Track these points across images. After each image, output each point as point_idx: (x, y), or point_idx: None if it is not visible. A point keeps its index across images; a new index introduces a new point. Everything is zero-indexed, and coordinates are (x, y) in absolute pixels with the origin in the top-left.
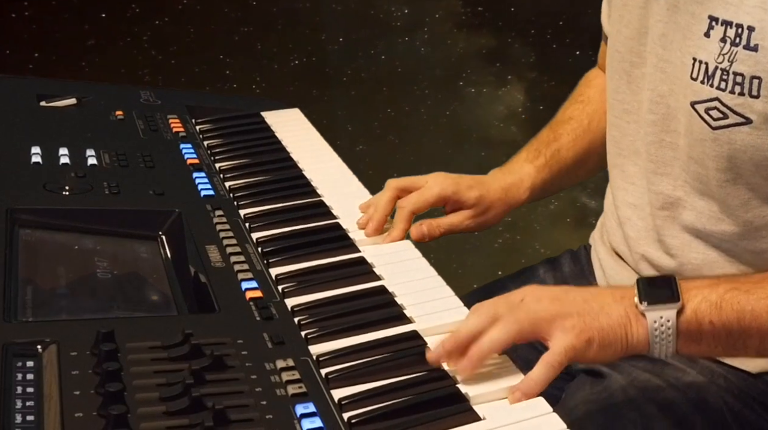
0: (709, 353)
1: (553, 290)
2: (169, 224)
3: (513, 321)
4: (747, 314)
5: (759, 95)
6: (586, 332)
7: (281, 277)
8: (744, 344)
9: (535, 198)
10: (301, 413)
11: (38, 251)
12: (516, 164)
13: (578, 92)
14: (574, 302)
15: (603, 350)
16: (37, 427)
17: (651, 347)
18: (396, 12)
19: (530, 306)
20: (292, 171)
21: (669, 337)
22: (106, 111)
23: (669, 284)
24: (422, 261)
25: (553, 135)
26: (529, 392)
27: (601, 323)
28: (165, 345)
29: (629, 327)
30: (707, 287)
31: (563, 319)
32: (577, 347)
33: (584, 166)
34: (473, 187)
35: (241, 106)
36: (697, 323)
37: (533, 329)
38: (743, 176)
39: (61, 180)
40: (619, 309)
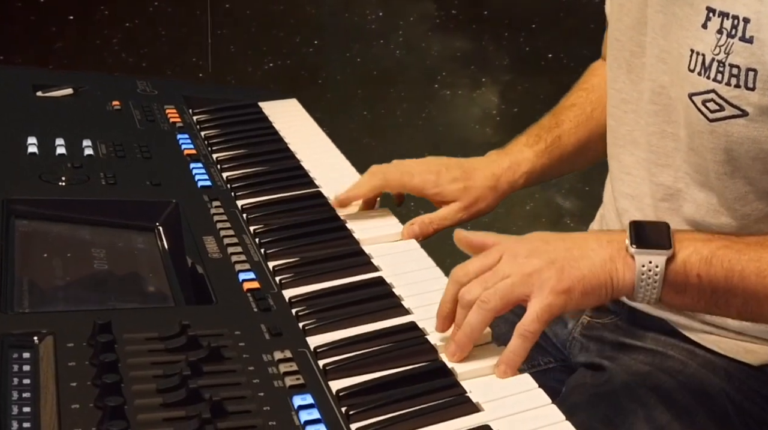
0: (691, 306)
1: (533, 242)
2: (166, 215)
3: (488, 301)
4: (735, 274)
5: (755, 87)
6: (565, 282)
7: (279, 268)
8: (726, 303)
9: (531, 183)
10: (299, 405)
11: (34, 242)
12: (515, 148)
13: (583, 80)
14: (554, 251)
15: (585, 296)
16: (33, 418)
17: (635, 292)
18: (371, 15)
19: (504, 270)
20: (289, 162)
21: (655, 283)
22: (103, 101)
23: (662, 231)
24: (420, 252)
25: (555, 121)
26: (511, 364)
27: (582, 270)
28: (162, 336)
29: (614, 271)
30: (700, 241)
31: (540, 273)
32: (552, 303)
33: (584, 154)
34: (457, 179)
35: (238, 97)
36: (685, 275)
37: (508, 300)
38: (741, 169)
39: (58, 171)
40: (603, 253)
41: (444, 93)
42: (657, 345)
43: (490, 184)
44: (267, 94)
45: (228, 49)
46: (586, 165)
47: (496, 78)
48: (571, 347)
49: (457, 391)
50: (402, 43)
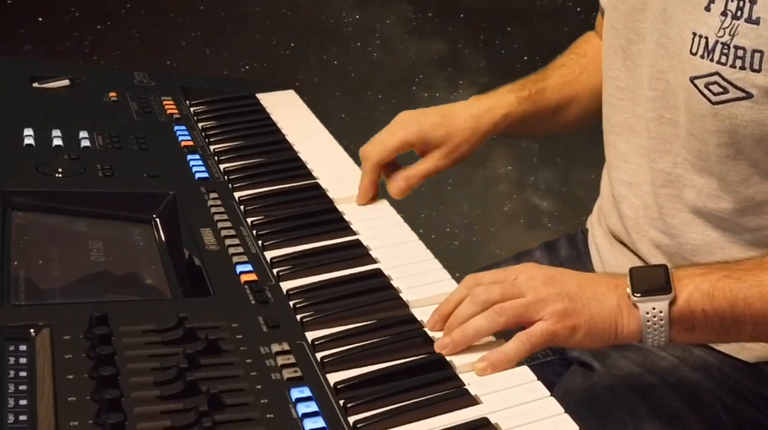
0: (704, 340)
1: (549, 271)
2: (163, 207)
3: (502, 313)
4: (740, 302)
5: (760, 69)
6: (573, 319)
7: (276, 260)
8: (738, 331)
9: (510, 130)
10: (297, 398)
11: (31, 234)
12: (497, 92)
13: (575, 45)
14: (569, 285)
15: (589, 338)
16: (30, 411)
17: (644, 338)
18: (347, 17)
19: (522, 287)
20: (287, 153)
21: (662, 327)
22: (100, 93)
23: (661, 275)
24: (419, 244)
25: (541, 76)
26: (498, 365)
27: (591, 311)
28: (159, 329)
29: (620, 318)
30: (699, 276)
31: (554, 302)
32: (558, 333)
33: (566, 114)
34: (439, 124)
35: (235, 88)
36: (690, 313)
37: (521, 316)
38: (744, 152)
39: (54, 162)
40: (611, 299)
41: (422, 95)
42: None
43: (471, 125)
44: (264, 85)
45: (203, 51)
46: (566, 127)
47: (473, 80)
48: None
49: (456, 383)
50: (379, 46)
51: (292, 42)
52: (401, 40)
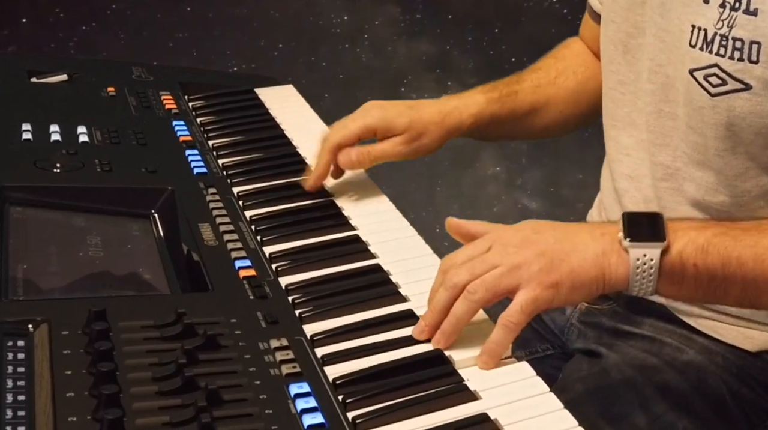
0: (689, 296)
1: (524, 231)
2: (161, 202)
3: (475, 291)
4: (733, 261)
5: (758, 60)
6: (551, 276)
7: (275, 255)
8: (725, 292)
9: (478, 131)
10: (296, 393)
11: (29, 229)
12: (466, 93)
13: (555, 50)
14: (545, 242)
15: (574, 291)
16: (28, 406)
17: (630, 285)
18: (336, 19)
19: (493, 260)
20: (286, 148)
21: (650, 276)
22: (98, 87)
23: (655, 222)
24: (418, 239)
25: (516, 79)
26: (492, 355)
27: (571, 264)
28: (157, 324)
29: (607, 265)
30: (695, 230)
31: (529, 265)
32: (538, 297)
33: (539, 118)
34: (403, 113)
35: (234, 83)
36: (681, 265)
37: (496, 291)
38: (742, 144)
39: (52, 157)
40: (596, 247)
41: (410, 96)
42: (654, 332)
43: (436, 119)
44: (263, 80)
45: (190, 53)
46: (540, 132)
47: (462, 81)
48: (568, 333)
49: (455, 379)
50: (368, 47)
51: (280, 43)
52: (390, 41)
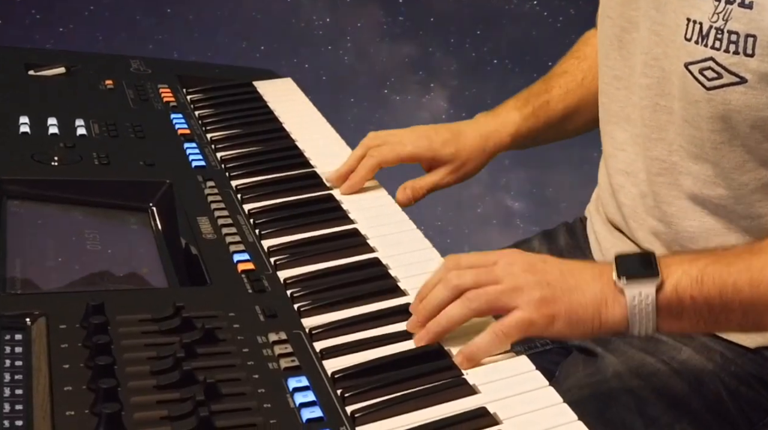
0: (691, 329)
1: (531, 258)
2: (159, 196)
3: (473, 297)
4: (729, 288)
5: (754, 54)
6: (551, 307)
7: (274, 249)
8: (726, 319)
9: (518, 146)
10: (294, 387)
11: (26, 223)
12: (502, 110)
13: (575, 48)
14: (550, 273)
15: (569, 327)
16: (25, 400)
17: (630, 325)
18: (318, 21)
19: (499, 274)
20: (284, 141)
21: (649, 314)
22: (96, 80)
23: (648, 260)
24: (417, 233)
25: (544, 87)
26: (472, 358)
27: (571, 300)
28: (155, 318)
29: (604, 306)
30: (687, 262)
31: (531, 290)
32: (535, 321)
33: (573, 121)
34: (448, 142)
35: (233, 76)
36: (678, 299)
37: (494, 304)
38: (738, 137)
39: (50, 150)
40: (595, 288)
41: (393, 98)
42: None
43: (479, 144)
44: (262, 73)
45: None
46: (575, 133)
47: (444, 83)
48: None
49: (454, 373)
50: (350, 49)
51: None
52: (372, 43)
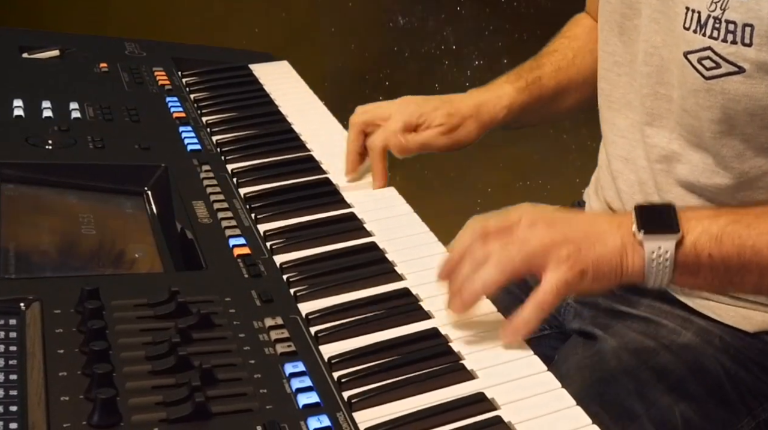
0: (705, 286)
1: (551, 214)
2: (155, 179)
3: (506, 260)
4: (747, 249)
5: (751, 43)
6: (580, 263)
7: (270, 233)
8: (741, 280)
9: (512, 121)
10: (290, 372)
11: (21, 207)
12: (495, 84)
13: (566, 29)
14: (572, 229)
15: (597, 280)
16: (20, 386)
17: (646, 277)
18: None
19: (524, 235)
20: (280, 125)
21: (666, 268)
22: (90, 63)
23: (668, 213)
24: (414, 216)
25: (536, 64)
26: (522, 332)
27: (596, 252)
28: (151, 303)
29: (625, 256)
30: (708, 219)
31: (558, 248)
32: (569, 281)
33: (564, 100)
34: (439, 107)
35: (228, 59)
36: (696, 256)
37: (526, 265)
38: (737, 127)
39: (44, 134)
40: (615, 238)
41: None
42: (651, 313)
43: (472, 113)
44: (258, 56)
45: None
46: (565, 113)
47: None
48: (565, 313)
49: (452, 358)
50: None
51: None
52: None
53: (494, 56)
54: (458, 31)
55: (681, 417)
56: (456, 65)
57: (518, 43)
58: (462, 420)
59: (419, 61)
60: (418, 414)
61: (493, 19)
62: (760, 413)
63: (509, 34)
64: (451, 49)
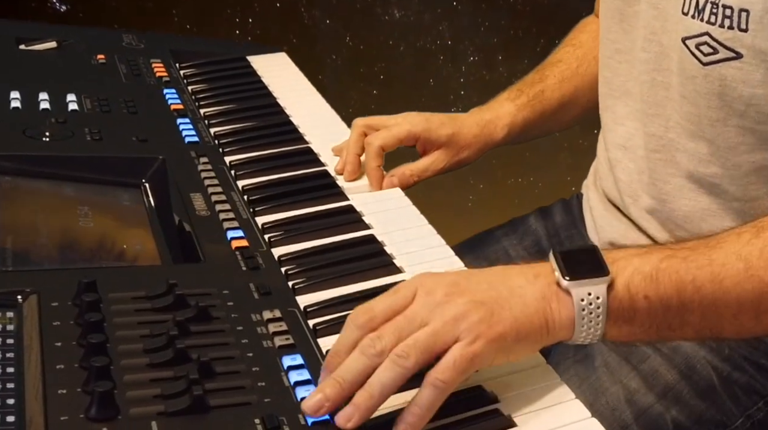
0: (640, 336)
1: (448, 277)
2: (152, 172)
3: (406, 356)
4: (688, 286)
5: (747, 29)
6: (496, 327)
7: (268, 226)
8: (681, 322)
9: (514, 138)
10: (289, 365)
11: (18, 199)
12: (496, 103)
13: (571, 36)
14: (479, 288)
15: (519, 344)
16: (17, 378)
17: (576, 331)
18: None
19: (422, 313)
20: (279, 117)
21: (598, 317)
22: (88, 55)
23: (592, 256)
24: (412, 209)
25: (538, 76)
26: (415, 422)
27: (514, 311)
28: (149, 296)
29: (548, 311)
30: (637, 257)
31: (465, 316)
32: (478, 354)
33: (569, 111)
34: (445, 124)
35: (226, 50)
36: (630, 300)
37: (431, 350)
38: (734, 115)
39: (42, 126)
40: (534, 291)
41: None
42: None
43: (475, 131)
44: (256, 47)
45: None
46: (571, 123)
47: None
48: None
49: None
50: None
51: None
52: None
53: (489, 52)
54: (454, 27)
55: (672, 423)
56: (451, 60)
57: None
58: (461, 413)
59: (414, 56)
60: None
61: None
62: (755, 412)
63: (505, 30)
64: (447, 44)
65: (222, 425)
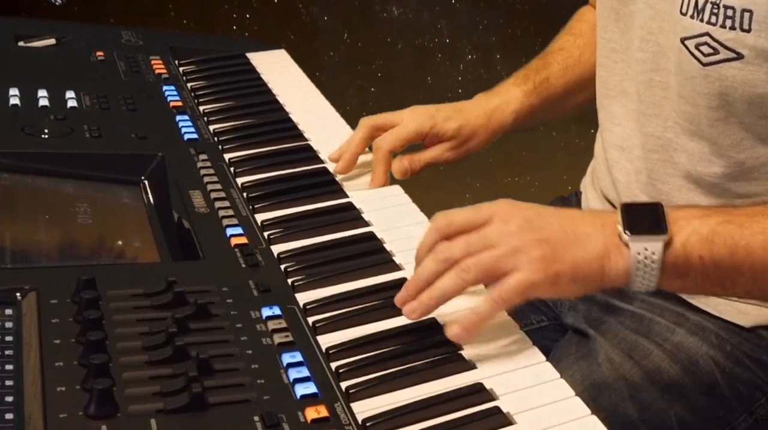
0: (693, 289)
1: (526, 211)
2: (151, 169)
3: (468, 270)
4: (740, 250)
5: (750, 29)
6: (554, 265)
7: (267, 223)
8: (733, 283)
9: (520, 125)
10: (288, 363)
11: (17, 196)
12: (503, 88)
13: (570, 25)
14: (549, 228)
15: (573, 284)
16: (16, 376)
17: (631, 281)
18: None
19: (493, 237)
20: (278, 114)
21: (653, 271)
22: (87, 52)
23: (656, 213)
24: (412, 206)
25: (543, 63)
26: (469, 326)
27: (574, 255)
28: (148, 293)
29: (607, 260)
30: (697, 219)
31: (530, 249)
32: (536, 283)
33: (573, 98)
34: (451, 117)
35: (226, 47)
36: (686, 258)
37: (491, 273)
38: (735, 114)
39: (40, 123)
40: (597, 240)
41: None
42: (645, 309)
43: (482, 121)
44: (255, 44)
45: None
46: (575, 111)
47: None
48: (561, 305)
49: (450, 348)
50: None
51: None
52: None
53: (487, 51)
54: (452, 25)
55: (676, 419)
56: (449, 59)
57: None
58: (460, 411)
59: (412, 54)
60: (416, 405)
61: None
62: (758, 408)
63: (503, 29)
64: (445, 42)
65: (221, 423)
